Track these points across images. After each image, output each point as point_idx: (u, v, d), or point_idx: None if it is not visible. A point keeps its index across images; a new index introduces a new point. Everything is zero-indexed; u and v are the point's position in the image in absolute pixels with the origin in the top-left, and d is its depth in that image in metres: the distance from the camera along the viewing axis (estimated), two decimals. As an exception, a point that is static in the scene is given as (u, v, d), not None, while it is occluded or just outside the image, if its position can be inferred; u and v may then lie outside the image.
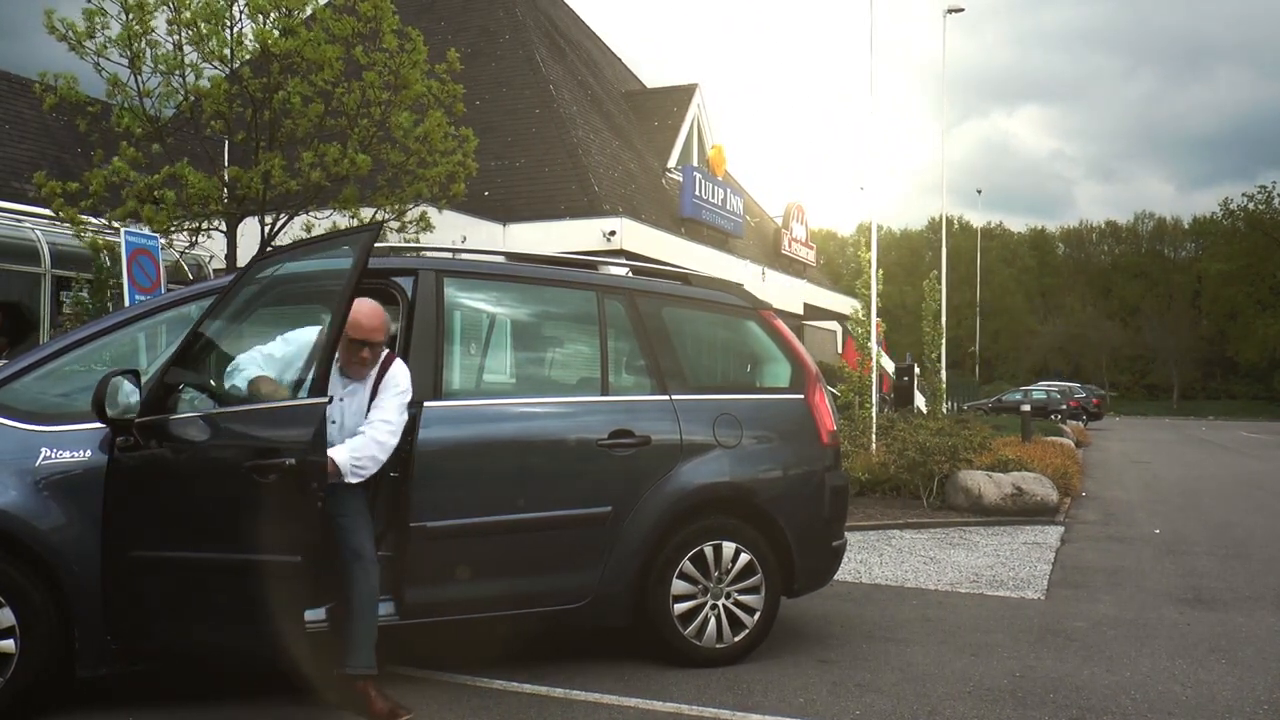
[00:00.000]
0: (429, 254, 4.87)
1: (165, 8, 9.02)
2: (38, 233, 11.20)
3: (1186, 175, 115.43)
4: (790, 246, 27.39)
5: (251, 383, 3.85)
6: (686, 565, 4.68)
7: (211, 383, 4.01)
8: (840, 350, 26.56)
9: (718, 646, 4.76)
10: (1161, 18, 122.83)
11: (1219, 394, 72.13)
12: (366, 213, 10.28)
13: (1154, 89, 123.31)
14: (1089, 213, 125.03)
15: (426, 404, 4.30)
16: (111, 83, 9.06)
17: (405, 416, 4.13)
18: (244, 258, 9.71)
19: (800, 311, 24.98)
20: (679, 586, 4.67)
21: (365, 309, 4.06)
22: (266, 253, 5.65)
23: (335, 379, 4.04)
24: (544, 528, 4.49)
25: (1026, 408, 23.32)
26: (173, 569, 3.80)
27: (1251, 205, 72.14)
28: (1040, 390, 41.25)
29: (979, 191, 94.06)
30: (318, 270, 4.27)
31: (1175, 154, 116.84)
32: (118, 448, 3.79)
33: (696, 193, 20.95)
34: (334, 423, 4.03)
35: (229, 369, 3.93)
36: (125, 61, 8.98)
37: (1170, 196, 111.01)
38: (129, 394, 3.71)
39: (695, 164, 22.62)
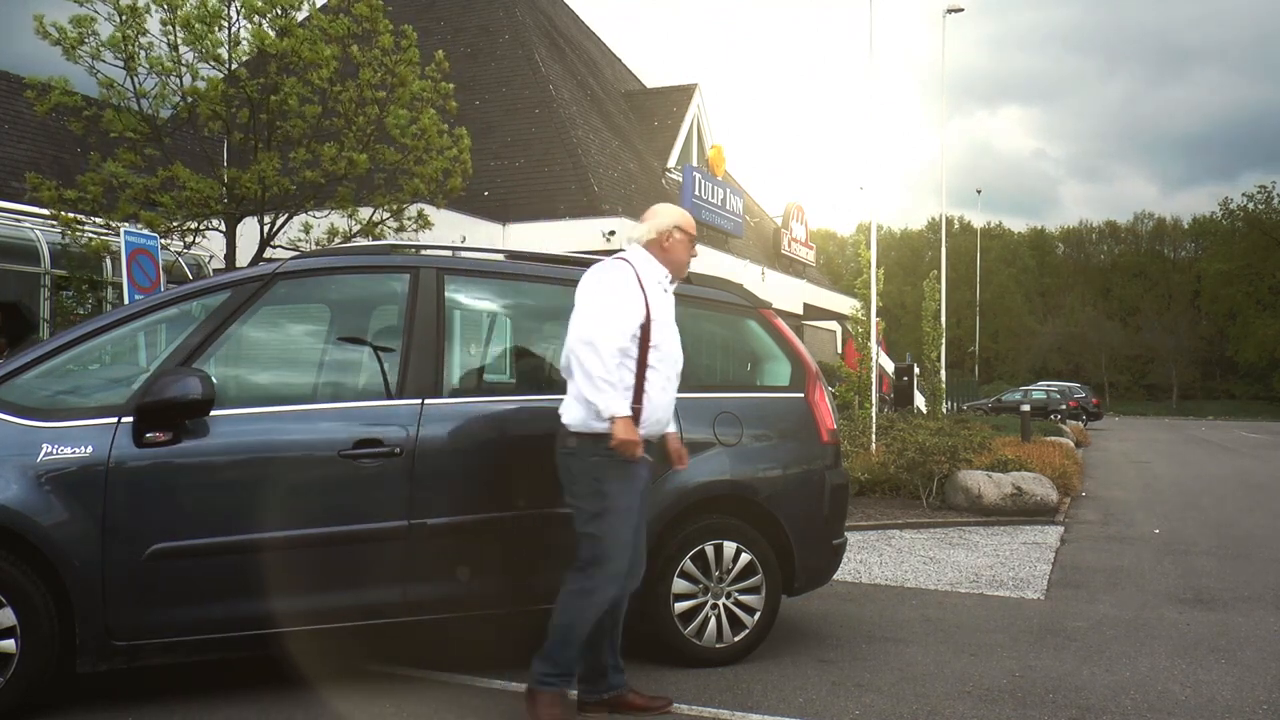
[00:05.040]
0: (429, 252, 4.87)
1: (160, 8, 9.01)
2: (37, 233, 11.20)
3: (1169, 175, 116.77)
4: (790, 246, 27.41)
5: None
6: (687, 564, 4.67)
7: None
8: (840, 350, 26.59)
9: (718, 646, 4.75)
10: (1135, 19, 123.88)
11: (1218, 394, 72.22)
12: (364, 213, 10.28)
13: (1132, 89, 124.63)
14: (1074, 212, 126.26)
15: (427, 401, 4.30)
16: (105, 85, 9.04)
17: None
18: (243, 258, 9.72)
19: (800, 311, 24.99)
20: (679, 585, 4.66)
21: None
22: (304, 253, 5.69)
23: (661, 298, 4.06)
24: (544, 525, 4.48)
25: (1026, 408, 23.36)
26: (208, 559, 3.90)
27: (1251, 205, 72.23)
28: (1040, 390, 41.29)
29: (979, 191, 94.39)
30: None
31: (1156, 154, 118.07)
32: (148, 442, 3.84)
33: (696, 193, 20.95)
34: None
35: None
36: (120, 64, 8.97)
37: (1154, 196, 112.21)
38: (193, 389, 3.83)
39: (695, 164, 22.63)
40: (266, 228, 9.85)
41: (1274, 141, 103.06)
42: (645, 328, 3.94)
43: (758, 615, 4.82)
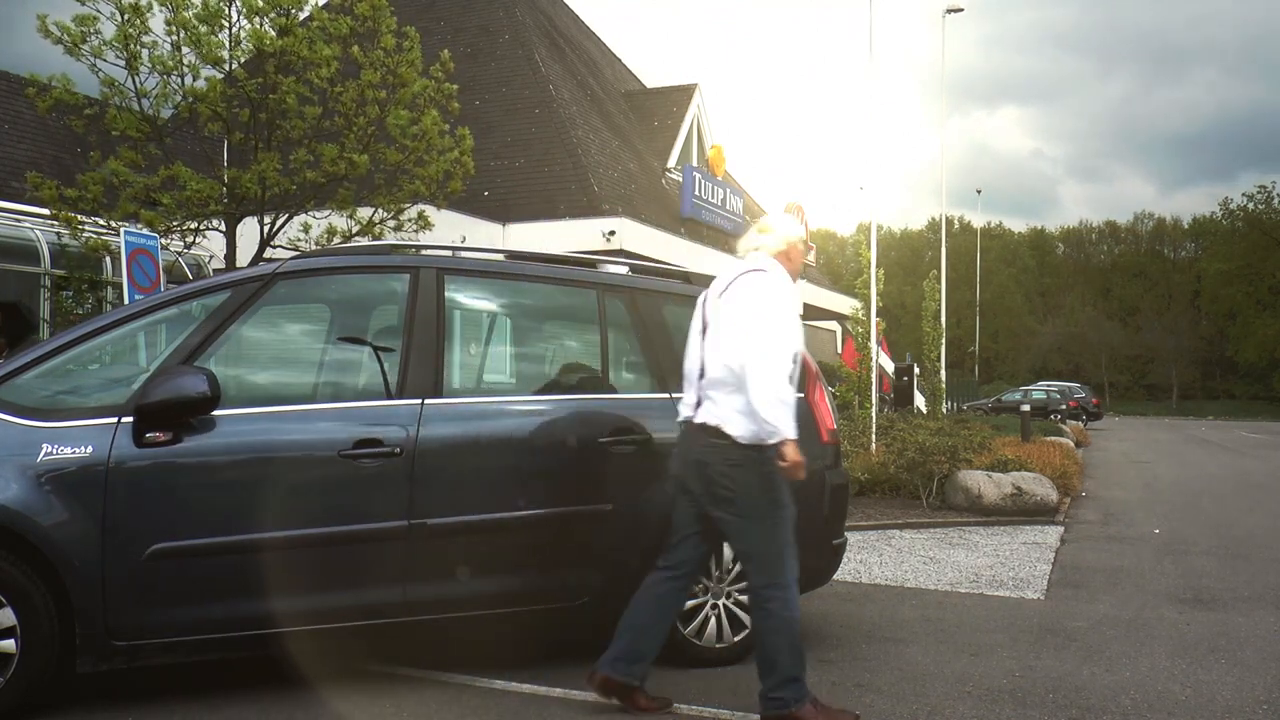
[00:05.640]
0: (429, 252, 4.87)
1: (163, 8, 9.00)
2: (37, 233, 11.21)
3: (1167, 175, 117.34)
4: (790, 246, 27.37)
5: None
6: (687, 564, 4.66)
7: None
8: (840, 350, 26.58)
9: (718, 646, 4.75)
10: (1132, 19, 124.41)
11: (1218, 394, 72.25)
12: (364, 213, 10.27)
13: (1129, 89, 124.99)
14: (1074, 212, 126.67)
15: (427, 401, 4.30)
16: (107, 84, 9.03)
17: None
18: (243, 258, 9.71)
19: (800, 311, 24.98)
20: (679, 586, 4.65)
21: None
22: (304, 253, 5.67)
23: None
24: (544, 525, 4.48)
25: (1026, 408, 23.37)
26: (208, 559, 3.90)
27: (1251, 205, 72.25)
28: (1040, 390, 41.30)
29: (978, 191, 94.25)
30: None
31: (1153, 154, 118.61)
32: (148, 442, 3.84)
33: (696, 192, 20.94)
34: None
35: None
36: (122, 63, 8.97)
37: (1152, 196, 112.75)
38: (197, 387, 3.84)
39: (695, 164, 22.62)
40: (266, 228, 9.85)
41: (1270, 141, 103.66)
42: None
43: (758, 615, 4.82)
